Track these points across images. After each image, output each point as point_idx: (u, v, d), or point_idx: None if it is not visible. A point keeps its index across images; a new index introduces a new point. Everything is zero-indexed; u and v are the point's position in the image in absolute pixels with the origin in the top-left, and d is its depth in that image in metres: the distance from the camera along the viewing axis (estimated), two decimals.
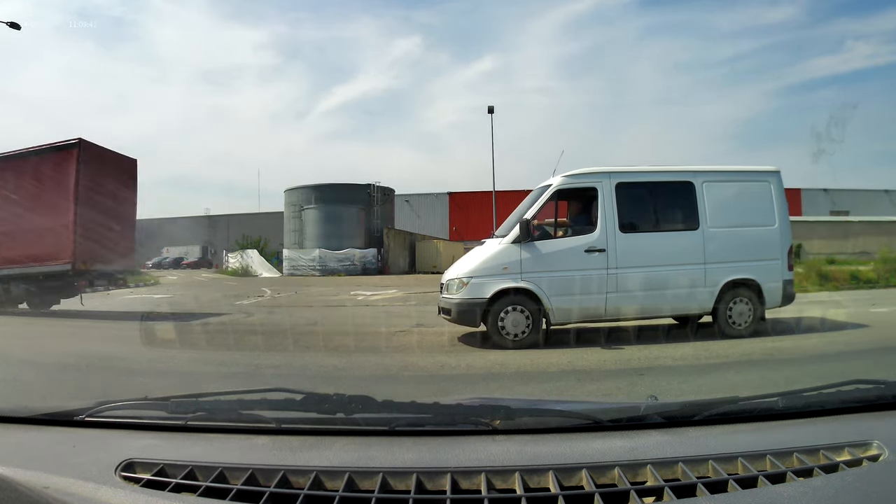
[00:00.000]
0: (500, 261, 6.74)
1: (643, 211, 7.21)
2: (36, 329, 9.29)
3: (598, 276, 6.73)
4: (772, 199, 7.36)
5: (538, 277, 6.65)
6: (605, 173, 7.03)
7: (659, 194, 7.33)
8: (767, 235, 7.25)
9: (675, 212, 7.30)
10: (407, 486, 0.95)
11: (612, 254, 6.78)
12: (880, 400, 1.28)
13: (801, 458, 1.00)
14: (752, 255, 7.16)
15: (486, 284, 6.64)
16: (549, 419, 1.23)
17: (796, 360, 5.61)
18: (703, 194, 7.11)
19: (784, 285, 7.24)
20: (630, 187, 7.06)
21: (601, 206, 6.89)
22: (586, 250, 6.77)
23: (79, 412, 1.28)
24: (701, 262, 6.97)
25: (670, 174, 7.39)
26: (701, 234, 7.02)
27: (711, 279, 6.98)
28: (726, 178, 7.39)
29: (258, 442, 1.16)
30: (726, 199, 7.21)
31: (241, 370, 5.52)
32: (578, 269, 6.74)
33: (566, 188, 7.08)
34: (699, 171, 7.25)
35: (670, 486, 0.93)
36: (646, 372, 5.13)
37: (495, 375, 5.28)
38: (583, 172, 7.09)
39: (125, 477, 1.00)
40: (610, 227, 6.84)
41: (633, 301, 6.75)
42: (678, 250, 7.00)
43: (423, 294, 15.28)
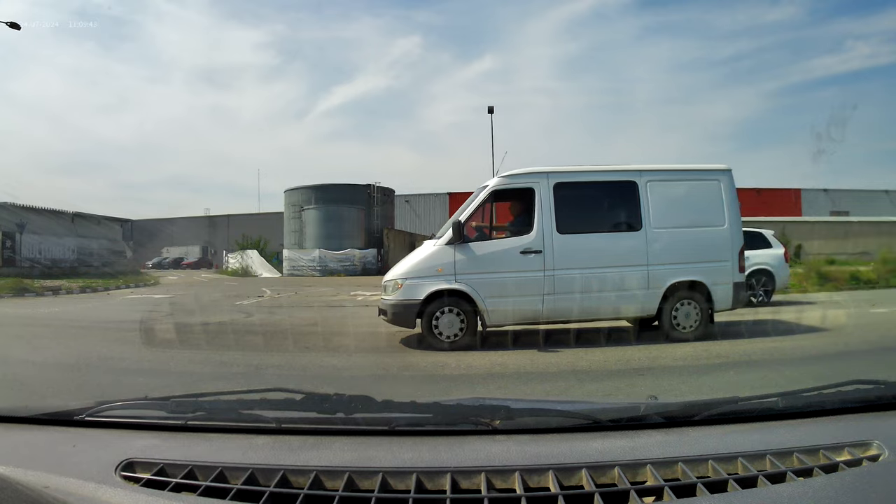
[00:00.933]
0: (434, 262, 6.66)
1: (582, 211, 7.05)
2: (36, 329, 9.30)
3: (534, 278, 6.61)
4: (722, 199, 7.13)
5: (472, 279, 6.55)
6: (542, 173, 6.90)
7: (600, 194, 7.17)
8: (716, 236, 7.04)
9: (617, 212, 7.13)
10: (407, 485, 0.95)
11: (548, 255, 6.65)
12: (880, 400, 1.28)
13: (801, 458, 1.00)
14: (700, 257, 6.97)
15: (420, 286, 6.57)
16: (550, 419, 1.23)
17: (796, 360, 5.61)
18: (646, 194, 6.93)
19: (735, 287, 7.03)
20: (569, 187, 6.91)
21: (538, 207, 6.76)
22: (522, 251, 6.65)
23: (79, 412, 1.28)
24: (644, 264, 6.80)
25: (612, 174, 7.22)
26: (644, 235, 6.85)
27: (655, 281, 6.81)
28: (672, 178, 7.20)
29: (258, 442, 1.16)
30: (672, 199, 7.04)
31: (241, 370, 5.52)
32: (514, 270, 6.63)
33: (503, 189, 6.95)
34: (643, 171, 7.08)
35: (670, 485, 0.93)
36: (646, 372, 5.13)
37: (495, 375, 5.28)
38: (520, 173, 6.98)
39: (125, 477, 1.00)
40: (547, 228, 6.71)
41: (571, 303, 6.61)
42: (619, 251, 6.84)
43: None
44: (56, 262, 25.61)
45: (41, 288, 17.05)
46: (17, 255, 24.04)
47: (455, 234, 6.62)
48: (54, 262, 25.37)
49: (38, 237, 25.50)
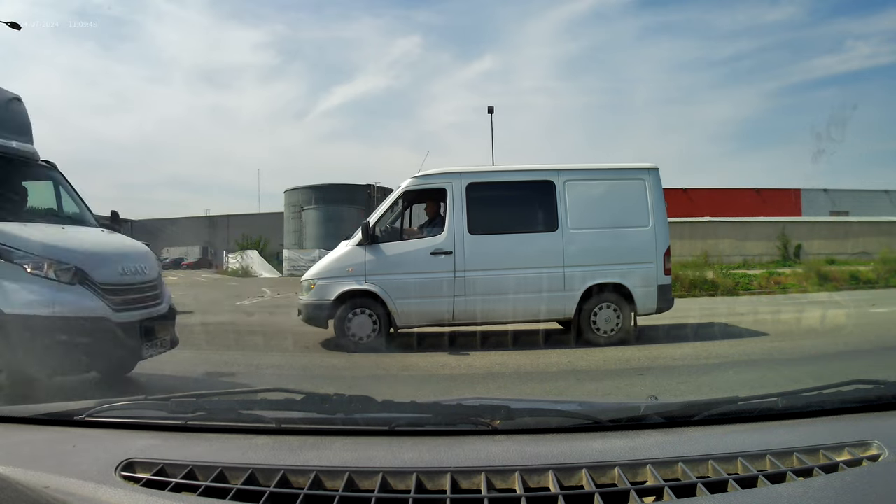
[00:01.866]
0: (345, 263, 6.63)
1: (496, 212, 6.92)
2: None
3: (444, 279, 6.52)
4: (646, 199, 6.95)
5: (383, 280, 6.50)
6: (455, 173, 6.82)
7: (515, 194, 7.03)
8: (640, 237, 6.87)
9: (533, 212, 7.01)
10: (407, 485, 0.95)
11: (459, 256, 6.56)
12: (880, 400, 1.28)
13: (801, 458, 1.00)
14: (622, 259, 6.80)
15: (331, 286, 6.53)
16: (549, 419, 1.23)
17: (796, 360, 5.61)
18: (564, 194, 6.79)
19: (659, 290, 6.83)
20: (483, 188, 6.82)
21: (450, 208, 6.69)
22: (432, 252, 6.58)
23: (79, 412, 1.28)
24: (559, 266, 6.67)
25: (528, 173, 7.12)
26: (560, 236, 6.72)
27: (572, 283, 6.67)
28: (593, 177, 7.06)
29: (258, 442, 1.17)
30: (592, 199, 6.88)
31: (242, 370, 5.52)
32: (424, 271, 6.56)
33: (416, 189, 6.89)
34: (561, 170, 6.93)
35: (670, 485, 0.93)
36: (645, 372, 5.14)
37: (495, 375, 5.29)
38: (432, 173, 6.91)
39: (125, 477, 1.00)
40: (458, 228, 6.62)
41: (483, 305, 6.51)
42: (533, 252, 6.70)
43: None
44: None
45: None
46: None
47: (364, 235, 6.59)
48: None
49: None
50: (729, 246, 28.04)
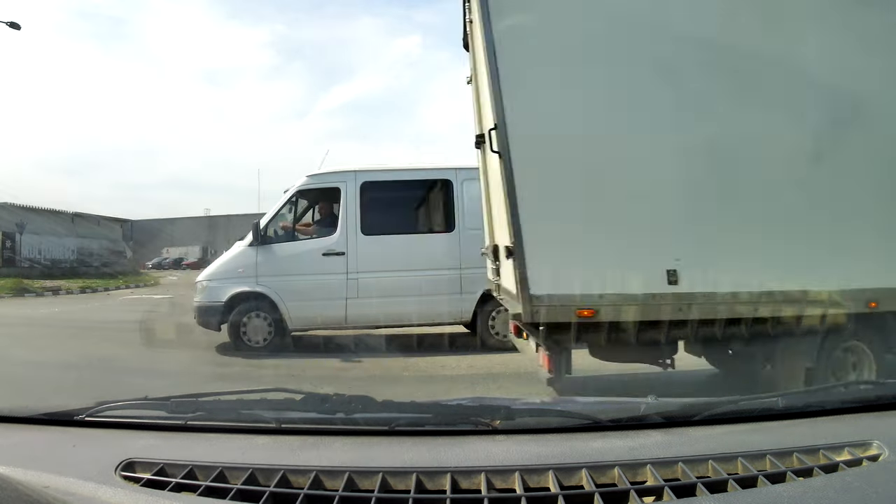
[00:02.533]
0: (237, 264, 6.46)
1: (391, 212, 6.75)
2: (36, 329, 9.30)
3: (336, 281, 6.35)
4: None
5: (275, 281, 6.33)
6: (349, 172, 6.65)
7: (411, 194, 6.87)
8: None
9: (429, 212, 6.84)
10: (407, 485, 0.95)
11: (352, 257, 6.40)
12: (880, 400, 1.28)
13: (801, 458, 1.00)
14: None
15: (223, 288, 6.36)
16: (550, 419, 1.23)
17: None
18: (462, 193, 6.56)
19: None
20: (378, 187, 6.67)
21: (343, 207, 6.52)
22: (324, 253, 6.41)
23: (79, 412, 1.28)
24: (456, 267, 6.48)
25: (425, 172, 6.93)
26: (457, 237, 6.51)
27: (469, 285, 6.45)
28: None
29: (258, 442, 1.17)
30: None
31: (241, 370, 5.52)
32: (316, 272, 6.38)
33: (309, 188, 6.72)
34: (460, 168, 6.63)
35: (670, 485, 0.93)
36: (646, 372, 5.12)
37: (495, 376, 5.28)
38: (326, 172, 6.76)
39: (125, 476, 1.00)
40: (351, 228, 6.46)
41: (377, 308, 6.28)
42: (429, 254, 6.52)
43: None
44: (56, 262, 25.62)
45: (41, 288, 17.07)
46: (17, 256, 24.05)
47: (255, 236, 6.40)
48: (54, 263, 25.38)
49: (37, 237, 25.51)
50: None
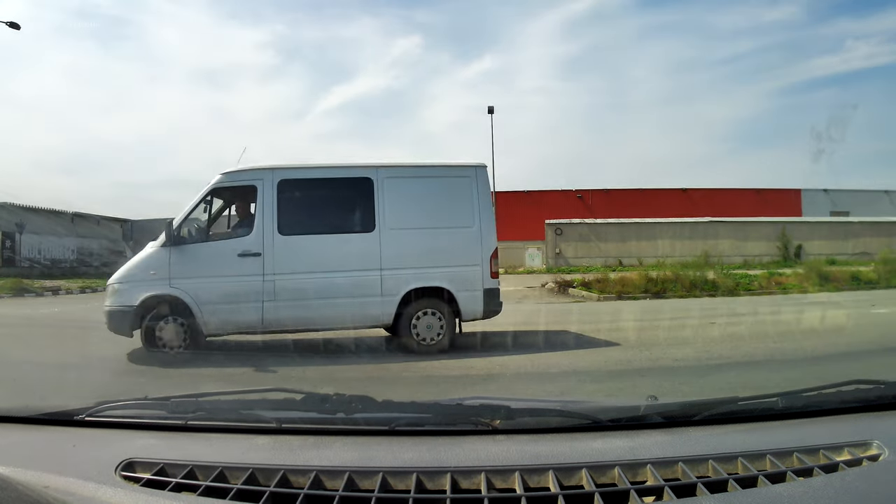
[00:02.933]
0: (148, 265, 6.07)
1: (309, 211, 6.51)
2: (36, 329, 9.30)
3: (252, 283, 6.02)
4: (472, 197, 6.56)
5: (188, 284, 5.97)
6: (267, 169, 6.33)
7: (330, 192, 6.57)
8: (465, 238, 6.47)
9: (348, 211, 6.54)
10: (407, 485, 0.95)
11: (268, 258, 6.08)
12: (880, 400, 1.28)
13: (801, 458, 1.00)
14: (445, 261, 6.40)
15: (134, 291, 5.95)
16: (550, 419, 1.23)
17: (798, 361, 5.61)
18: (382, 192, 6.37)
19: (486, 294, 6.44)
20: (296, 185, 6.40)
21: (259, 206, 6.20)
22: (240, 254, 6.08)
23: (79, 412, 1.28)
24: (376, 268, 6.23)
25: (344, 170, 6.68)
26: (377, 237, 6.28)
27: (390, 287, 6.22)
28: (415, 174, 6.68)
29: (258, 442, 1.17)
30: (413, 198, 6.47)
31: (241, 370, 5.52)
32: (231, 274, 6.05)
33: (225, 186, 6.37)
34: (381, 167, 6.52)
35: (670, 485, 0.93)
36: (647, 373, 5.13)
37: (495, 376, 5.28)
38: (242, 169, 6.42)
39: (125, 476, 1.00)
40: (268, 228, 6.14)
41: (295, 311, 6.06)
42: (349, 254, 6.27)
43: None
44: (56, 262, 25.62)
45: (41, 288, 17.06)
46: (17, 255, 24.04)
47: (168, 236, 6.05)
48: (54, 262, 25.38)
49: (37, 237, 25.51)
50: (729, 246, 28.07)
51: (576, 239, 30.39)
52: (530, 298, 14.07)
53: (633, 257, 27.76)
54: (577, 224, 31.19)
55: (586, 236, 30.45)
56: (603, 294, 13.65)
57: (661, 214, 32.62)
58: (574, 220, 31.78)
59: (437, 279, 6.34)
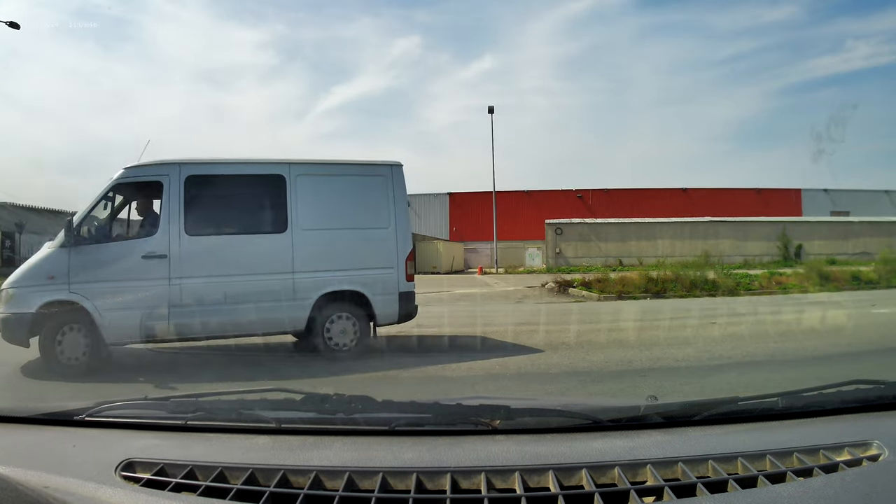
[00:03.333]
0: (46, 268, 5.55)
1: (219, 209, 6.11)
2: None
3: (158, 287, 5.61)
4: (388, 198, 6.33)
5: (89, 289, 5.48)
6: (174, 164, 5.85)
7: (240, 189, 6.19)
8: (380, 239, 6.28)
9: (260, 210, 6.17)
10: (407, 485, 0.95)
11: (175, 260, 5.66)
12: (880, 400, 1.28)
13: (801, 458, 1.00)
14: (359, 263, 6.17)
15: (31, 296, 5.42)
16: (550, 419, 1.23)
17: (798, 361, 5.61)
18: (295, 190, 6.05)
19: (401, 298, 6.24)
20: (204, 181, 5.94)
21: (165, 204, 5.75)
22: (145, 256, 5.64)
23: (79, 412, 1.28)
24: (289, 271, 5.94)
25: (256, 166, 6.30)
26: (290, 238, 5.97)
27: (303, 291, 5.94)
28: (329, 172, 6.38)
29: (258, 442, 1.17)
30: (327, 197, 6.19)
31: (241, 370, 5.52)
32: (136, 278, 5.62)
33: (128, 182, 5.86)
34: (293, 163, 6.16)
35: (670, 485, 0.93)
36: (648, 373, 5.13)
37: (495, 376, 5.28)
38: (147, 163, 5.91)
39: (125, 476, 1.00)
40: (174, 228, 5.70)
41: (203, 317, 5.65)
42: (260, 256, 5.93)
43: (422, 295, 15.25)
44: None
45: None
46: (17, 255, 24.06)
47: (67, 236, 5.54)
48: None
49: (37, 237, 25.50)
50: (729, 246, 28.09)
51: (576, 239, 30.42)
52: (530, 298, 14.08)
53: (634, 257, 27.80)
54: (577, 224, 31.24)
55: (586, 236, 30.48)
56: (603, 294, 13.65)
57: (661, 214, 32.66)
58: (574, 220, 31.83)
59: (351, 283, 6.12)
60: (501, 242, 33.60)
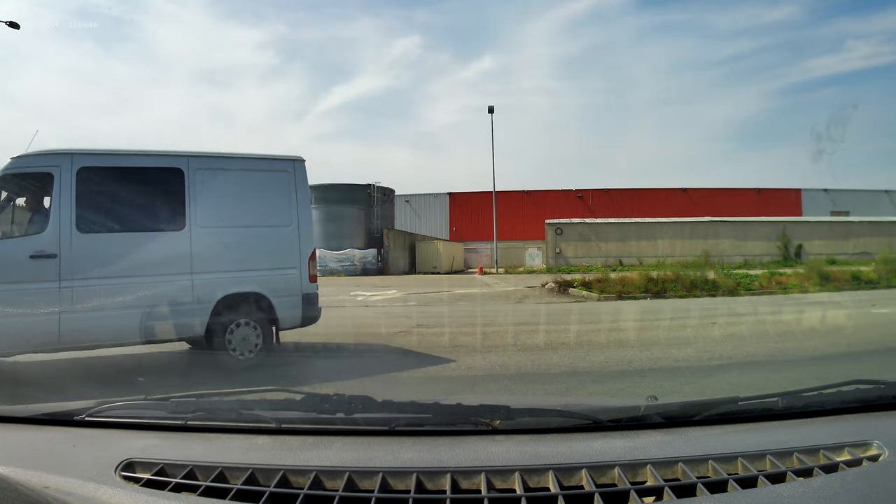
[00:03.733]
0: None
1: (113, 204, 5.55)
2: None
3: (47, 291, 5.06)
4: (291, 194, 6.02)
5: None
6: (65, 154, 5.32)
7: (137, 183, 5.65)
8: (282, 238, 5.94)
9: (157, 206, 5.69)
10: (407, 485, 0.95)
11: (65, 260, 5.12)
12: (880, 400, 1.28)
13: (801, 458, 1.00)
14: (261, 264, 5.83)
15: None
16: (550, 419, 1.23)
17: (798, 361, 5.61)
18: (195, 185, 5.63)
19: (304, 300, 5.93)
20: (98, 174, 5.45)
21: (55, 198, 5.24)
22: (32, 255, 5.08)
23: (79, 412, 1.28)
24: (187, 272, 5.49)
25: (152, 158, 5.76)
26: (188, 236, 5.53)
27: (202, 294, 5.52)
28: (230, 166, 5.97)
29: (258, 442, 1.17)
30: (228, 192, 5.82)
31: (241, 370, 5.53)
32: (21, 280, 5.06)
33: (15, 174, 5.36)
34: (193, 156, 5.73)
35: (670, 485, 0.93)
36: (648, 373, 5.13)
37: (496, 376, 5.28)
38: (36, 153, 5.39)
39: (125, 476, 1.00)
40: (65, 224, 5.17)
41: (98, 323, 5.15)
42: (158, 256, 5.43)
43: (422, 295, 15.28)
44: None
45: None
46: None
47: None
48: None
49: None
50: (729, 246, 28.11)
51: (576, 239, 30.43)
52: (530, 298, 14.08)
53: (634, 257, 27.81)
54: (578, 224, 31.25)
55: (586, 236, 30.49)
56: (603, 294, 13.65)
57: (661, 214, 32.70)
58: (574, 220, 31.85)
59: (253, 284, 5.76)
60: (501, 242, 33.62)
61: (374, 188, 34.68)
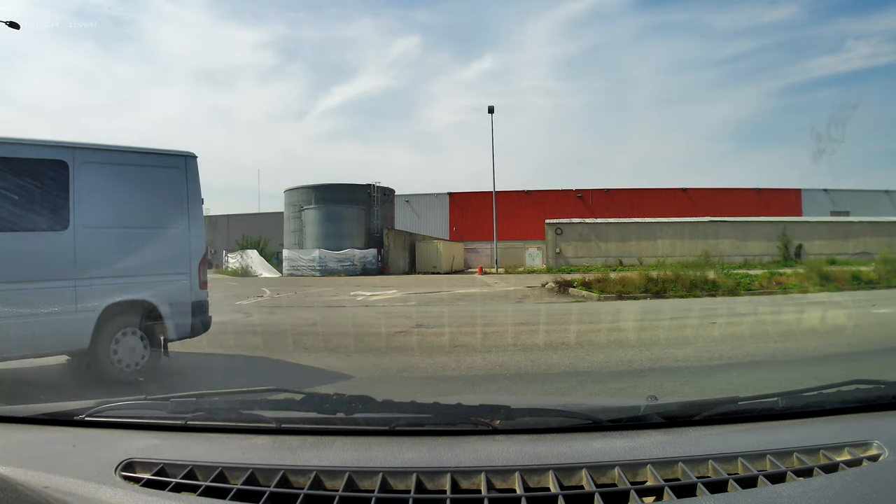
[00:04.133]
0: None
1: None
2: None
3: None
4: (182, 193, 5.56)
5: None
6: None
7: (15, 176, 4.96)
8: (173, 241, 5.47)
9: (37, 202, 5.02)
10: (407, 485, 0.95)
11: None
12: (880, 400, 1.28)
13: (801, 458, 1.00)
14: (150, 269, 5.33)
15: None
16: (549, 419, 1.23)
17: (798, 361, 5.61)
18: (80, 180, 5.04)
19: (194, 308, 5.49)
20: None
21: None
22: None
23: (79, 412, 1.28)
24: (70, 278, 4.91)
25: (31, 149, 5.01)
26: (72, 237, 4.95)
27: (87, 302, 4.97)
28: (119, 161, 5.39)
29: (258, 442, 1.17)
30: (116, 190, 5.26)
31: (241, 370, 5.53)
32: None
33: None
34: (78, 147, 5.11)
35: (670, 485, 0.93)
36: (648, 373, 5.13)
37: (495, 377, 5.28)
38: None
39: (125, 476, 1.00)
40: None
41: None
42: (37, 260, 4.85)
43: (423, 295, 15.28)
44: None
45: None
46: None
47: None
48: None
49: None
50: (729, 246, 28.13)
51: (576, 239, 30.44)
52: (530, 298, 14.08)
53: (634, 257, 27.82)
54: (578, 224, 31.26)
55: (586, 236, 30.50)
56: (603, 294, 13.65)
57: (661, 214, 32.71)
58: (574, 220, 31.86)
59: (140, 290, 5.28)
60: (501, 242, 33.63)
61: (374, 188, 34.68)
